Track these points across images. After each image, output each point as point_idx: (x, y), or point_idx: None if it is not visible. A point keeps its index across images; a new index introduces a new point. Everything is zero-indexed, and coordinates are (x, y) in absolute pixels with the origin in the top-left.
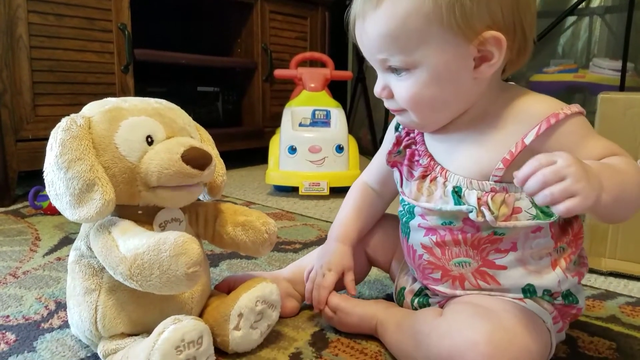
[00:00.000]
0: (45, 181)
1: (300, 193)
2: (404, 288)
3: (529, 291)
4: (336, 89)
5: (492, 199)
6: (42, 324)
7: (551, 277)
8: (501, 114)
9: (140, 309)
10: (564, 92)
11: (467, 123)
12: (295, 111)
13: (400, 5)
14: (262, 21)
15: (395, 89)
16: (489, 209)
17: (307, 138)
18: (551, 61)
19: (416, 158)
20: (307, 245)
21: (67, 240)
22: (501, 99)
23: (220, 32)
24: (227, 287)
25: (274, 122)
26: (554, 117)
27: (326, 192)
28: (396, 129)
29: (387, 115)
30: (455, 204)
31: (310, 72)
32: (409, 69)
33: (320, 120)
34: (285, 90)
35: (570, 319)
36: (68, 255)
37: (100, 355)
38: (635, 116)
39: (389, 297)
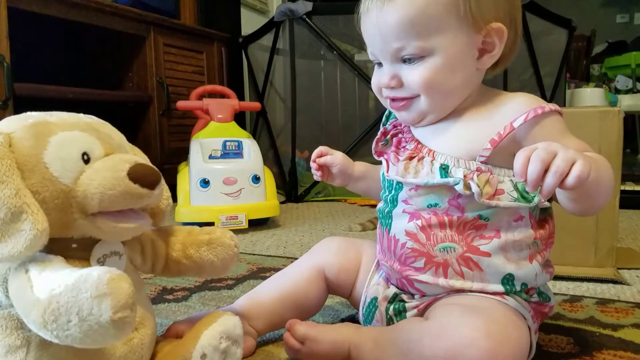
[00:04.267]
0: None
1: None
2: (375, 298)
3: (508, 283)
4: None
5: (477, 177)
6: None
7: (529, 269)
8: (487, 104)
9: None
10: None
11: (456, 112)
12: (204, 143)
13: None
14: (156, 54)
15: (408, 76)
16: (475, 184)
17: (220, 170)
18: None
19: (403, 144)
20: (241, 281)
21: None
22: (486, 93)
23: (110, 65)
24: (175, 336)
25: (174, 158)
26: (540, 108)
27: (245, 225)
28: (383, 124)
29: (294, 150)
30: (442, 177)
31: (217, 102)
32: (423, 56)
33: (232, 152)
34: (185, 125)
35: (540, 320)
36: None
37: None
38: None
39: (344, 322)
